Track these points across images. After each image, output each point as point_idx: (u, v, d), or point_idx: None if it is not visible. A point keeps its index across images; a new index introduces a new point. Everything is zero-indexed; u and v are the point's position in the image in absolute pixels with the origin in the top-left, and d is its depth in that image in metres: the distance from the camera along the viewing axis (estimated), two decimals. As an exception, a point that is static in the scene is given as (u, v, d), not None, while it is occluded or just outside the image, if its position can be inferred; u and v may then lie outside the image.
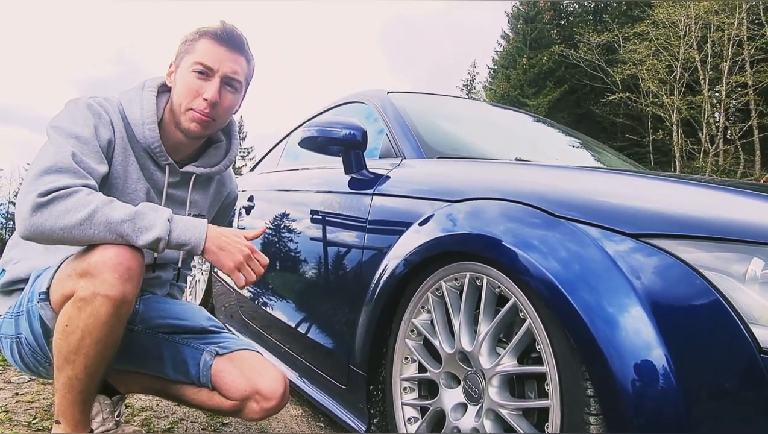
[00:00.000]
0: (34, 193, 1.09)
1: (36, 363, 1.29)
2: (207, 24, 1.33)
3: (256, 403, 1.29)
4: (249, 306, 2.46)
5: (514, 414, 1.08)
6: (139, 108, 1.33)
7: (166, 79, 1.37)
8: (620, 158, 2.68)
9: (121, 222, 1.12)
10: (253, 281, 1.23)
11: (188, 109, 1.30)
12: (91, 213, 1.10)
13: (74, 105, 1.26)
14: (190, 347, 1.35)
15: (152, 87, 1.36)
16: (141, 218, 1.14)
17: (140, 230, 1.13)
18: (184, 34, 1.35)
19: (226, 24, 1.32)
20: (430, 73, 63.83)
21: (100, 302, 1.09)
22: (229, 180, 1.60)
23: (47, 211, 1.09)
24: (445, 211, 1.32)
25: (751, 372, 0.81)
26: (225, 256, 1.21)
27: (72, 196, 1.11)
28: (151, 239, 1.13)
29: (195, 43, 1.31)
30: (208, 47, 1.30)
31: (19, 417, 1.73)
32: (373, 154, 1.92)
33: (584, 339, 0.91)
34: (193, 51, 1.31)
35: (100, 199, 1.13)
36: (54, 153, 1.15)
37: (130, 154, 1.32)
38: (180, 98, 1.31)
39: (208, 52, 1.30)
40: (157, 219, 1.15)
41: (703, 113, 18.08)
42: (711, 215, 0.96)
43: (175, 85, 1.33)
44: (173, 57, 1.36)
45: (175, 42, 1.38)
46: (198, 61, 1.29)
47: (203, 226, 1.21)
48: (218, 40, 1.30)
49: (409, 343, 1.36)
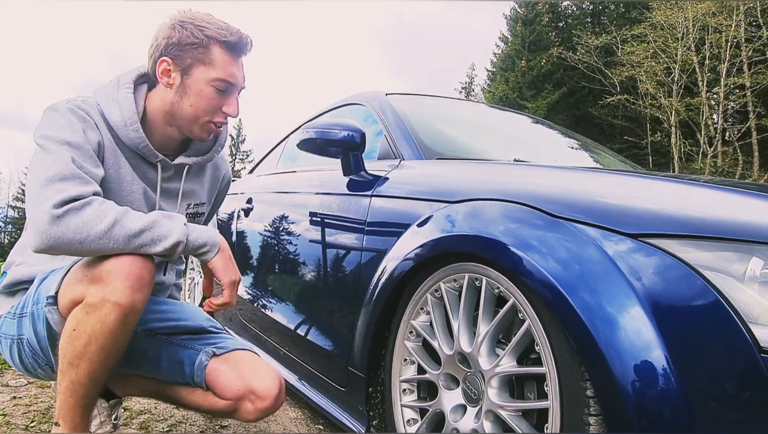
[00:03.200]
0: (47, 203, 1.07)
1: (36, 365, 1.29)
2: (214, 26, 1.26)
3: (250, 403, 1.29)
4: (248, 309, 2.45)
5: (514, 415, 1.08)
6: (117, 108, 1.27)
7: (160, 78, 1.28)
8: (619, 159, 2.68)
9: (141, 233, 1.12)
10: (228, 305, 1.27)
11: (208, 121, 1.29)
12: (109, 226, 1.09)
13: (55, 112, 1.21)
14: (187, 348, 1.35)
15: (127, 83, 1.29)
16: (158, 226, 1.15)
17: (159, 238, 1.14)
18: (184, 30, 1.24)
19: (233, 27, 1.27)
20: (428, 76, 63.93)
21: (109, 309, 1.09)
22: (222, 162, 1.56)
23: (64, 224, 1.07)
24: (443, 212, 1.31)
25: (751, 371, 0.81)
26: (231, 268, 1.26)
27: (86, 207, 1.09)
28: (170, 245, 1.15)
29: (208, 52, 1.25)
30: (227, 60, 1.26)
31: (16, 421, 1.72)
32: (372, 156, 1.92)
33: (584, 339, 0.90)
34: (210, 63, 1.25)
35: (115, 209, 1.12)
36: (54, 161, 1.12)
37: (120, 156, 1.29)
38: (198, 111, 1.27)
39: (228, 66, 1.26)
40: (174, 225, 1.17)
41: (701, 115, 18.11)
42: (710, 215, 0.95)
43: (187, 94, 1.26)
44: (166, 50, 1.25)
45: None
46: (220, 77, 1.25)
47: (216, 231, 1.25)
48: (234, 51, 1.27)
49: (408, 345, 1.35)
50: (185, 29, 1.25)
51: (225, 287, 1.25)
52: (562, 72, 23.23)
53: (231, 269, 1.26)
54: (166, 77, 1.27)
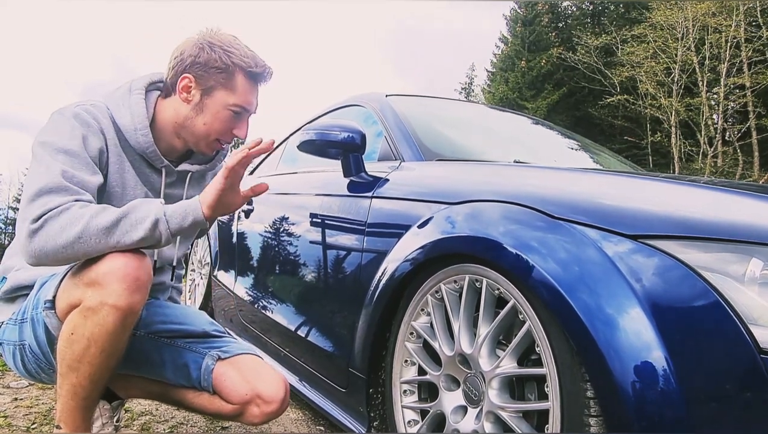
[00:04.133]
0: (27, 220, 1.08)
1: (39, 369, 1.29)
2: (241, 53, 1.28)
3: (257, 407, 1.29)
4: (248, 310, 2.46)
5: (514, 416, 1.08)
6: (128, 113, 1.29)
7: (180, 92, 1.29)
8: (619, 160, 2.68)
9: (117, 222, 1.11)
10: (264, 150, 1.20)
11: (216, 140, 1.33)
12: (85, 224, 1.08)
13: (60, 116, 1.22)
14: (191, 351, 1.35)
15: (139, 89, 1.32)
16: (134, 211, 1.13)
17: (137, 222, 1.12)
18: (213, 52, 1.26)
19: (258, 58, 1.31)
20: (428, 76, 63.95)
21: (107, 312, 1.08)
22: None
23: (43, 234, 1.07)
24: (443, 213, 1.32)
25: (751, 372, 0.81)
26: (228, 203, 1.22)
27: (64, 213, 1.09)
28: (150, 225, 1.12)
29: (231, 78, 1.28)
30: (247, 87, 1.30)
31: (18, 422, 1.72)
32: (372, 157, 1.92)
33: (584, 340, 0.91)
34: (231, 88, 1.28)
35: (93, 208, 1.11)
36: (44, 173, 1.12)
37: (125, 160, 1.30)
38: (210, 131, 1.31)
39: (248, 94, 1.30)
40: (149, 207, 1.15)
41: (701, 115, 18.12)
42: (710, 216, 0.96)
43: (203, 113, 1.29)
44: (191, 68, 1.27)
45: (173, 44, 1.32)
46: (238, 103, 1.29)
47: (194, 198, 1.21)
48: (255, 79, 1.31)
49: (409, 346, 1.35)
50: (213, 52, 1.27)
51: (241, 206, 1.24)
52: (562, 72, 23.24)
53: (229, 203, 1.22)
54: (185, 93, 1.29)
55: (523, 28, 24.64)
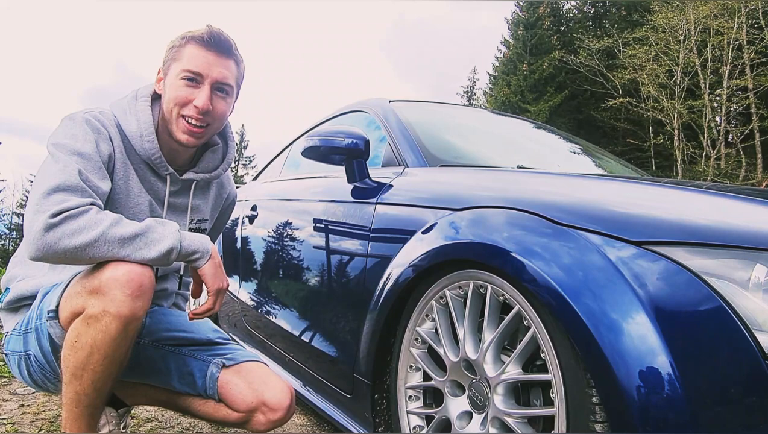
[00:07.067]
0: (45, 213, 1.08)
1: (44, 379, 1.30)
2: (193, 29, 1.30)
3: (262, 415, 1.30)
4: (253, 315, 2.46)
5: (520, 421, 1.08)
6: (134, 120, 1.31)
7: (156, 86, 1.35)
8: (621, 163, 2.68)
9: (134, 237, 1.13)
10: (212, 312, 1.28)
11: (179, 115, 1.29)
12: (103, 231, 1.10)
13: (71, 121, 1.24)
14: (196, 359, 1.36)
15: (145, 96, 1.34)
16: (152, 231, 1.16)
17: (152, 242, 1.15)
18: (170, 40, 1.32)
19: (213, 28, 1.29)
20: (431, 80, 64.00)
21: (110, 319, 1.09)
22: (227, 182, 1.60)
23: (59, 231, 1.08)
24: (448, 219, 1.32)
25: (755, 378, 0.81)
26: (219, 275, 1.27)
27: (83, 215, 1.10)
28: (165, 249, 1.15)
29: (182, 49, 1.29)
30: (196, 53, 1.27)
31: (25, 429, 1.73)
32: (376, 163, 1.93)
33: (589, 346, 0.91)
34: (181, 57, 1.28)
35: (111, 217, 1.13)
36: (60, 170, 1.14)
37: (130, 167, 1.31)
38: (170, 105, 1.29)
39: (196, 58, 1.27)
40: (166, 231, 1.17)
41: (704, 117, 18.11)
42: (714, 222, 0.96)
43: (165, 92, 1.31)
44: (161, 63, 1.33)
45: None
46: (186, 68, 1.27)
47: (208, 238, 1.26)
48: (205, 45, 1.28)
49: (414, 351, 1.36)
50: (174, 39, 1.32)
51: (211, 294, 1.26)
52: (564, 75, 23.24)
53: (220, 276, 1.27)
54: (159, 86, 1.34)
55: (525, 32, 24.67)
